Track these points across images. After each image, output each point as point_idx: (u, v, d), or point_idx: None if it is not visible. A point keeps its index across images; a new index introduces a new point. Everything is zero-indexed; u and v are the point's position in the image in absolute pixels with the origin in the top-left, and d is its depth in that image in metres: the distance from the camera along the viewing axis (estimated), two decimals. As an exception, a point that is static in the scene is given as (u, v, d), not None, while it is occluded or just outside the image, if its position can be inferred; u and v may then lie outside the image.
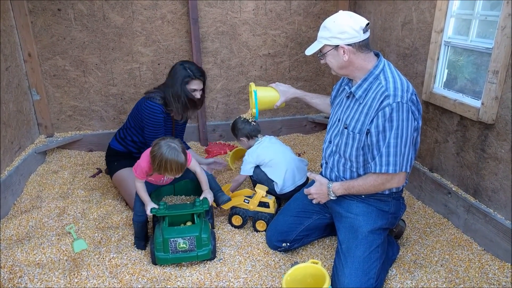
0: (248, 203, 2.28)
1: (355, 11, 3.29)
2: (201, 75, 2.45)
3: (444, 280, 1.87)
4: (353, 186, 1.84)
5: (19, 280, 1.83)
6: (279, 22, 3.35)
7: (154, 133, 2.47)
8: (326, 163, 2.00)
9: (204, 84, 2.52)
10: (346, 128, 1.84)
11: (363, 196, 1.87)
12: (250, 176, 2.50)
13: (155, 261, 1.95)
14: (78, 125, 3.31)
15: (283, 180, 2.37)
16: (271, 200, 2.29)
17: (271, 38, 3.39)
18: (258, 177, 2.44)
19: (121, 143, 2.63)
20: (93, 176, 2.92)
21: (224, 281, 1.89)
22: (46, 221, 2.32)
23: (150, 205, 2.02)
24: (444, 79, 2.39)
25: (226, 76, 3.43)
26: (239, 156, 3.21)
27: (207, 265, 1.98)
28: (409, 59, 2.64)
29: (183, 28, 3.19)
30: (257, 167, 2.46)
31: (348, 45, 1.73)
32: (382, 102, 1.68)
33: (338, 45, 1.74)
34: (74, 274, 1.87)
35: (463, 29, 2.24)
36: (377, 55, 1.83)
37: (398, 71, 1.80)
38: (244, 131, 2.52)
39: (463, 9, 2.21)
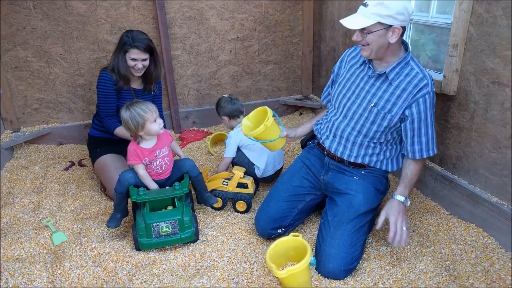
0: (226, 185, 2.31)
1: (320, -7, 3.34)
2: (141, 44, 2.37)
3: (416, 243, 1.99)
4: (412, 179, 1.89)
5: (-1, 275, 1.80)
6: (246, 5, 3.36)
7: (104, 101, 2.46)
8: (334, 136, 1.99)
9: (151, 55, 2.46)
10: (374, 106, 1.85)
11: (362, 172, 1.95)
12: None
13: (138, 247, 1.97)
14: (45, 118, 3.21)
15: (265, 164, 2.42)
16: (249, 180, 2.34)
17: (239, 22, 3.39)
18: (239, 160, 2.47)
19: (98, 129, 2.59)
20: (66, 169, 2.86)
21: (208, 261, 1.93)
22: (21, 217, 2.27)
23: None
24: (408, 56, 2.49)
25: (195, 61, 3.41)
26: (218, 141, 3.24)
27: (190, 247, 2.02)
28: (374, 38, 2.72)
29: (149, 14, 3.13)
30: (239, 149, 2.49)
31: (401, 27, 1.69)
32: (421, 89, 1.75)
33: (391, 26, 1.68)
34: (56, 266, 1.86)
35: (424, 6, 2.34)
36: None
37: None
38: (225, 110, 2.53)
39: (424, -13, 2.31)
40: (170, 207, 2.05)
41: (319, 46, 3.55)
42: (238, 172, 2.33)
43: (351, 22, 1.74)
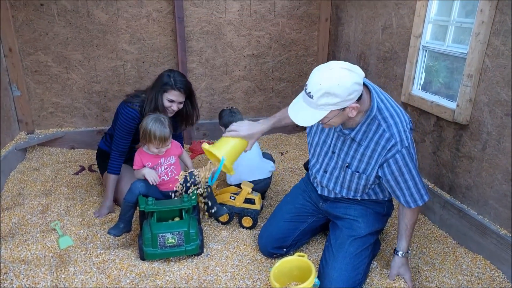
0: (234, 199, 2.32)
1: (337, 15, 3.40)
2: (182, 87, 2.29)
3: (422, 272, 1.97)
4: (409, 234, 1.81)
5: (5, 276, 1.81)
6: (263, 23, 3.42)
7: (121, 137, 2.34)
8: (322, 186, 1.98)
9: (189, 98, 2.41)
10: (348, 167, 1.81)
11: (359, 199, 1.92)
12: None
13: (143, 257, 1.97)
14: (60, 122, 3.27)
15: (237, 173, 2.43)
16: (256, 196, 2.34)
17: (255, 39, 3.45)
18: None
19: (109, 146, 2.58)
20: (76, 173, 2.90)
21: (212, 275, 1.93)
22: (30, 218, 2.30)
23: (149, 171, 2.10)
24: (422, 82, 2.51)
25: (210, 75, 3.46)
26: None
27: (195, 260, 2.02)
28: (389, 62, 2.75)
29: (168, 27, 3.20)
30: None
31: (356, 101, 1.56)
32: (390, 149, 1.64)
33: (346, 107, 1.55)
34: (61, 270, 1.87)
35: (440, 35, 2.36)
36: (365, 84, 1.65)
37: (387, 97, 1.72)
38: (223, 121, 2.66)
39: (440, 16, 2.34)
40: (177, 219, 2.06)
41: (333, 67, 3.58)
42: (246, 188, 2.34)
43: (301, 116, 1.57)
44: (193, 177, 2.15)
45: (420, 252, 2.12)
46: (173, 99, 2.31)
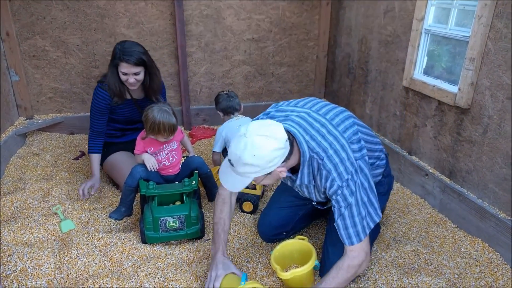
0: (235, 184, 2.33)
1: (338, -2, 3.35)
2: (129, 58, 2.15)
3: (420, 255, 1.99)
4: None
5: (8, 258, 1.83)
6: (264, 7, 3.37)
7: (94, 117, 2.34)
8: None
9: (144, 67, 2.25)
10: (317, 204, 1.84)
11: None
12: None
13: (145, 240, 1.99)
14: (59, 107, 3.26)
15: None
16: (257, 181, 2.34)
17: (255, 22, 3.41)
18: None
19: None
20: (76, 158, 2.90)
21: (213, 258, 1.94)
22: (31, 202, 2.30)
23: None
24: (424, 66, 2.49)
25: (210, 60, 3.43)
26: None
27: (196, 244, 2.03)
28: (390, 46, 2.73)
29: (167, 10, 3.16)
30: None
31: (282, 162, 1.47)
32: (331, 187, 1.54)
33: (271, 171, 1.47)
34: (64, 253, 1.89)
35: (442, 18, 2.33)
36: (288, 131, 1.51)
37: (318, 127, 1.58)
38: (220, 106, 2.59)
39: (443, -2, 2.31)
40: (178, 203, 2.07)
41: (334, 51, 3.55)
42: (247, 172, 2.34)
43: (231, 183, 1.51)
44: None
45: (420, 236, 2.14)
46: (125, 72, 2.21)
